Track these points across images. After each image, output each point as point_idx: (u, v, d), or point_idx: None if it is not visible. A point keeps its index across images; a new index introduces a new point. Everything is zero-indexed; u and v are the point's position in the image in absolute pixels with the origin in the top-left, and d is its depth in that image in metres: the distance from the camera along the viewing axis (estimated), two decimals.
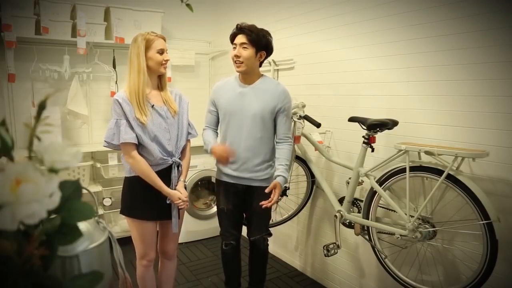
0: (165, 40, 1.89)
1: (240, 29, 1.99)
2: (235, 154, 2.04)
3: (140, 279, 2.02)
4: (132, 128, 1.78)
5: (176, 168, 1.91)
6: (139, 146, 1.83)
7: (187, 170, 2.02)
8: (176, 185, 1.92)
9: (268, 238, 2.26)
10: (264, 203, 1.96)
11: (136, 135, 1.79)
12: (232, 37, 2.03)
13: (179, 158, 1.95)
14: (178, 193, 1.90)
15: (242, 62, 1.98)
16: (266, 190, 1.97)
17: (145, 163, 1.82)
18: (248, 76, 2.05)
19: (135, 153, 1.80)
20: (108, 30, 3.15)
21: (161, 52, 1.84)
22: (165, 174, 1.88)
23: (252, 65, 2.00)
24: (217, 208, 2.23)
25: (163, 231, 2.04)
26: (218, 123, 2.17)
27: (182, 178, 1.96)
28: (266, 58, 2.07)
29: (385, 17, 2.10)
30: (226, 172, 2.11)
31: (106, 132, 1.81)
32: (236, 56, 1.98)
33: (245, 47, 1.97)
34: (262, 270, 2.34)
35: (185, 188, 1.98)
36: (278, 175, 2.01)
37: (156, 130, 1.83)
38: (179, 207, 1.91)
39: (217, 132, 2.18)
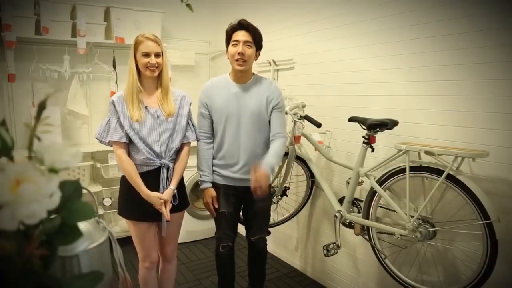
0: (157, 43, 1.83)
1: (245, 27, 1.94)
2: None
3: (142, 281, 2.02)
4: (122, 127, 1.81)
5: (165, 170, 1.88)
6: (129, 144, 1.85)
7: (179, 175, 1.94)
8: (166, 189, 1.88)
9: (266, 238, 2.27)
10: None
11: (126, 133, 1.82)
12: (232, 32, 1.96)
13: (174, 161, 1.94)
14: (158, 194, 1.83)
15: (245, 61, 1.93)
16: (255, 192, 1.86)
17: (129, 164, 1.82)
18: (244, 75, 2.00)
19: (121, 152, 1.82)
20: (108, 30, 3.15)
21: (146, 55, 1.80)
22: (155, 176, 1.87)
23: (251, 64, 2.00)
24: (216, 212, 2.13)
25: (160, 233, 2.03)
26: (212, 127, 2.07)
27: (171, 185, 1.89)
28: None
29: (385, 17, 2.10)
30: (225, 175, 2.06)
31: (97, 129, 1.86)
32: (241, 54, 1.91)
33: (248, 45, 1.93)
34: (262, 270, 2.34)
35: (176, 196, 1.92)
36: (264, 162, 1.88)
37: (145, 130, 1.83)
38: (158, 209, 1.83)
39: (212, 143, 2.09)
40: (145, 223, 1.92)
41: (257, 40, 1.96)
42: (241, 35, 1.93)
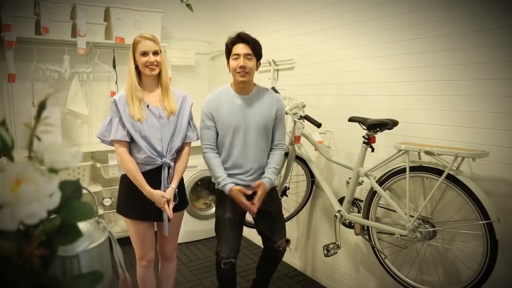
0: (155, 42, 1.86)
1: (244, 39, 1.96)
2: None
3: (140, 279, 2.02)
4: (124, 126, 1.82)
5: (166, 169, 1.88)
6: (131, 143, 1.86)
7: (180, 174, 1.95)
8: (166, 188, 1.89)
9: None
10: (251, 207, 1.97)
11: (128, 132, 1.82)
12: (231, 45, 1.98)
13: (175, 160, 1.94)
14: (161, 192, 1.84)
15: (247, 73, 1.96)
16: (252, 185, 1.99)
17: (131, 162, 1.83)
18: (246, 86, 2.03)
19: (123, 150, 1.83)
20: (108, 30, 3.15)
21: (144, 54, 1.82)
22: (156, 175, 1.87)
23: (253, 75, 2.03)
24: (220, 219, 2.07)
25: (160, 233, 2.03)
26: (217, 139, 2.06)
27: (173, 184, 1.89)
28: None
29: (385, 17, 2.10)
30: (233, 182, 2.01)
31: (99, 128, 1.87)
32: (242, 67, 1.94)
33: (249, 58, 1.96)
34: (271, 276, 2.31)
35: (176, 196, 1.92)
36: (265, 177, 2.04)
37: (147, 129, 1.84)
38: (161, 207, 1.84)
39: (217, 153, 2.07)
40: (144, 223, 1.92)
41: (257, 52, 1.99)
42: (241, 48, 1.95)
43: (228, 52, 2.01)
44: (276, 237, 2.10)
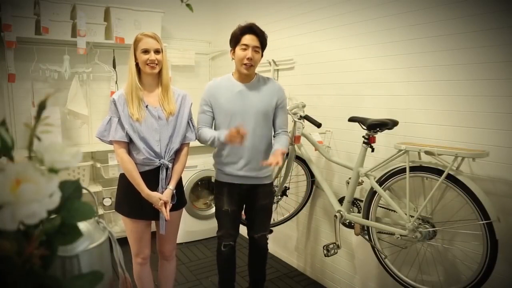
0: (157, 40, 1.85)
1: (254, 31, 1.96)
2: (246, 135, 1.86)
3: (136, 277, 2.02)
4: (123, 126, 1.82)
5: (164, 170, 1.88)
6: (130, 144, 1.86)
7: (178, 175, 1.95)
8: (164, 189, 1.89)
9: (268, 236, 2.28)
10: (267, 162, 1.86)
11: (127, 132, 1.82)
12: (241, 35, 1.96)
13: (173, 161, 1.94)
14: (159, 194, 1.85)
15: (253, 66, 1.97)
16: (267, 162, 1.87)
17: (130, 163, 1.83)
18: (248, 75, 2.04)
19: (122, 151, 1.84)
20: (108, 30, 3.15)
21: (145, 51, 1.82)
22: (154, 175, 1.87)
23: (256, 67, 2.05)
24: (219, 210, 2.15)
25: (159, 232, 2.03)
26: (213, 124, 2.11)
27: (170, 185, 1.89)
28: None
29: (385, 17, 2.10)
30: (230, 172, 2.07)
31: (98, 127, 1.87)
32: (250, 59, 1.94)
33: (257, 50, 1.97)
34: (263, 268, 2.35)
35: (174, 196, 1.92)
36: (277, 147, 1.97)
37: (146, 130, 1.83)
38: (158, 209, 1.85)
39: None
40: (142, 221, 1.93)
41: (263, 45, 2.02)
42: (251, 40, 1.95)
43: (236, 40, 1.98)
44: (262, 230, 2.21)
